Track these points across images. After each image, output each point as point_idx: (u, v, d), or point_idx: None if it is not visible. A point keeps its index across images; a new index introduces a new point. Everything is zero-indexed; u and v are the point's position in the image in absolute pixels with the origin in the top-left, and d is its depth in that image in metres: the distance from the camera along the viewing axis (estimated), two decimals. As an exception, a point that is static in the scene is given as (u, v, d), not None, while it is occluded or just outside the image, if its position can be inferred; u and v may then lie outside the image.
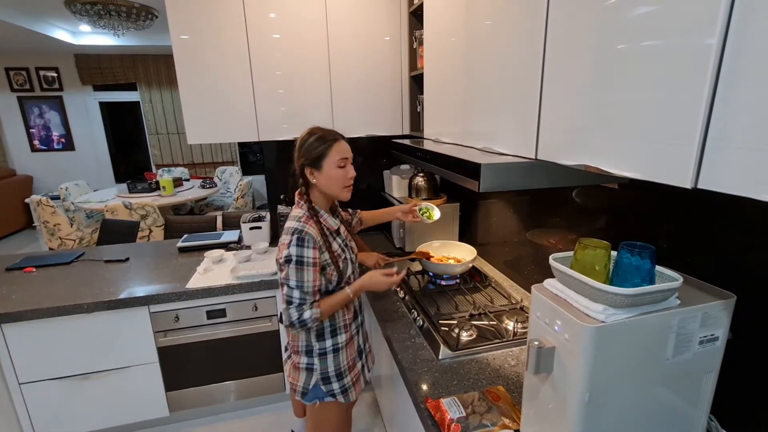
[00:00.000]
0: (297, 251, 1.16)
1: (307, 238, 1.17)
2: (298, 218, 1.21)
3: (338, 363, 1.33)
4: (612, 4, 0.68)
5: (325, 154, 1.21)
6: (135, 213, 3.60)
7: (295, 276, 1.17)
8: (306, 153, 1.23)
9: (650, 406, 0.76)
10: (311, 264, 1.18)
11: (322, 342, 1.31)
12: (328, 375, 1.32)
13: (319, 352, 1.31)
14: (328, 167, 1.22)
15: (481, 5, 1.12)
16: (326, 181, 1.23)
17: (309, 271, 1.18)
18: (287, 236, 1.18)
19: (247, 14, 1.90)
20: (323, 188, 1.25)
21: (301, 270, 1.17)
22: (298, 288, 1.18)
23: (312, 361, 1.31)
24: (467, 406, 0.97)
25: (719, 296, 0.74)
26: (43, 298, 1.74)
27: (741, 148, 0.51)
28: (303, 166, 1.23)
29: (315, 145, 1.22)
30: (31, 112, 5.80)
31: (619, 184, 1.14)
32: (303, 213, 1.23)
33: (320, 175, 1.23)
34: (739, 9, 0.50)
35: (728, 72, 0.52)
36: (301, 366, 1.32)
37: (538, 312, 0.78)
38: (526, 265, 1.69)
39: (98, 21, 3.72)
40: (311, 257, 1.18)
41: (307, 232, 1.17)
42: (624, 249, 0.71)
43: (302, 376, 1.32)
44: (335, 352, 1.32)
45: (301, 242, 1.16)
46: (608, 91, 0.71)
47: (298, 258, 1.16)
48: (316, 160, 1.22)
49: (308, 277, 1.18)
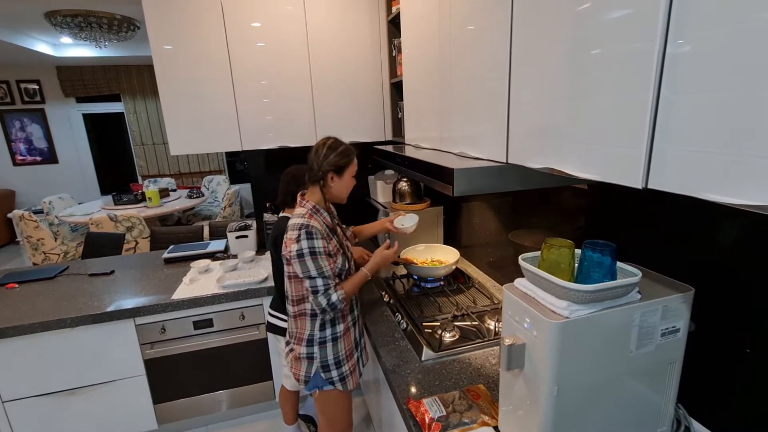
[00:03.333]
0: (308, 243, 1.26)
1: (314, 231, 1.27)
2: (302, 215, 1.32)
3: (337, 351, 1.41)
4: (565, 17, 0.72)
5: (348, 165, 1.38)
6: (120, 225, 3.57)
7: (314, 265, 1.27)
8: (333, 161, 1.34)
9: (618, 397, 0.79)
10: (323, 253, 1.29)
11: (323, 331, 1.39)
12: (328, 363, 1.39)
13: (319, 341, 1.38)
14: (347, 176, 1.39)
15: (454, 15, 1.16)
16: (341, 187, 1.39)
17: (323, 259, 1.28)
18: (294, 231, 1.27)
19: (227, 24, 1.92)
20: (335, 192, 1.39)
21: (316, 259, 1.27)
22: (320, 276, 1.28)
23: (312, 350, 1.39)
24: (448, 405, 1.00)
25: (679, 289, 0.78)
26: (26, 314, 1.73)
27: (683, 151, 0.55)
28: (327, 171, 1.35)
29: (340, 156, 1.35)
30: (12, 126, 5.71)
31: (588, 184, 1.18)
32: (306, 211, 1.34)
33: (339, 181, 1.38)
34: (675, 20, 0.54)
35: (669, 79, 0.56)
36: (302, 356, 1.40)
37: (509, 310, 0.81)
38: (508, 265, 1.72)
39: (79, 33, 3.70)
40: (321, 247, 1.28)
41: (313, 226, 1.28)
42: (587, 247, 0.74)
43: (303, 366, 1.40)
44: (334, 341, 1.40)
45: (309, 235, 1.26)
46: (567, 96, 0.74)
47: (310, 249, 1.26)
48: (341, 168, 1.36)
49: (324, 263, 1.28)
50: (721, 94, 0.49)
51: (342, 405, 1.47)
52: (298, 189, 1.62)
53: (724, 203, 0.51)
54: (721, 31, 0.49)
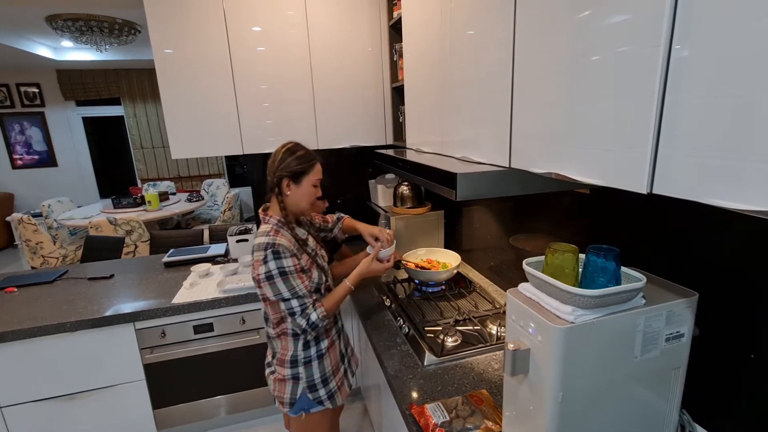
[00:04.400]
0: (276, 264, 1.18)
1: (282, 250, 1.19)
2: (267, 233, 1.23)
3: (323, 369, 1.35)
4: (569, 22, 0.72)
5: (306, 171, 1.27)
6: (120, 229, 3.56)
7: (285, 287, 1.20)
8: (288, 166, 1.25)
9: (623, 403, 0.79)
10: (293, 271, 1.21)
11: (307, 350, 1.33)
12: (314, 382, 1.33)
13: (304, 361, 1.32)
14: (306, 183, 1.28)
15: (456, 20, 1.17)
16: (300, 196, 1.28)
17: (295, 278, 1.21)
18: (260, 252, 1.19)
19: (229, 28, 1.92)
20: (293, 202, 1.28)
21: (287, 279, 1.20)
22: (294, 296, 1.21)
23: (297, 371, 1.32)
24: (451, 410, 0.99)
25: (683, 294, 0.78)
26: (25, 318, 1.72)
27: (687, 156, 0.55)
28: (282, 177, 1.25)
29: (298, 162, 1.26)
30: (11, 129, 5.71)
31: (590, 189, 1.18)
32: (271, 227, 1.25)
33: (297, 189, 1.27)
34: (679, 25, 0.54)
35: (673, 84, 0.56)
36: (287, 377, 1.33)
37: (513, 315, 0.81)
38: (509, 270, 1.72)
39: (80, 37, 3.71)
40: (291, 265, 1.20)
41: (279, 244, 1.19)
42: (591, 252, 0.74)
43: (288, 388, 1.33)
44: (319, 358, 1.34)
45: (277, 255, 1.18)
46: (571, 102, 0.75)
47: (280, 270, 1.18)
48: (298, 175, 1.26)
49: (296, 282, 1.21)
50: (726, 99, 0.50)
51: (327, 426, 1.41)
52: None
53: (728, 208, 0.51)
54: (725, 36, 0.49)
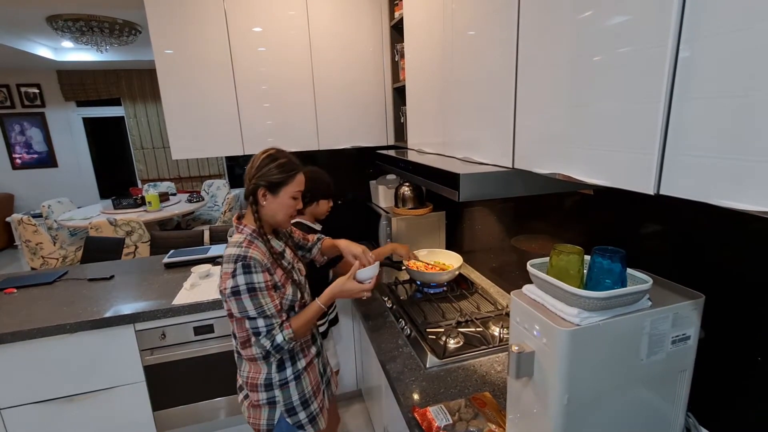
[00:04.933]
0: (245, 279, 1.09)
1: (253, 263, 1.10)
2: (239, 244, 1.13)
3: (302, 390, 1.25)
4: (576, 22, 0.72)
5: (285, 182, 1.18)
6: (120, 229, 3.55)
7: (252, 304, 1.10)
8: (266, 175, 1.17)
9: (629, 405, 0.78)
10: (263, 288, 1.11)
11: (282, 372, 1.22)
12: (293, 405, 1.23)
13: (280, 383, 1.22)
14: (284, 195, 1.19)
15: (458, 20, 1.16)
16: (276, 208, 1.20)
17: (264, 295, 1.11)
18: (230, 264, 1.10)
19: (230, 29, 1.92)
20: (269, 213, 1.20)
21: (256, 296, 1.10)
22: (261, 315, 1.11)
23: (273, 394, 1.22)
24: (454, 413, 0.98)
25: (689, 296, 0.77)
26: (24, 319, 1.71)
27: (695, 156, 0.54)
28: (258, 186, 1.17)
29: (277, 171, 1.17)
30: (11, 129, 5.70)
31: (594, 190, 1.18)
32: (244, 238, 1.16)
33: (273, 200, 1.18)
34: (687, 26, 0.53)
35: (681, 85, 0.55)
36: (261, 402, 1.22)
37: (517, 317, 0.80)
38: (511, 271, 1.71)
39: (81, 37, 3.71)
40: (262, 281, 1.11)
41: (251, 257, 1.10)
42: (596, 253, 0.73)
43: (264, 413, 1.22)
44: (297, 378, 1.24)
45: (247, 269, 1.09)
46: (576, 102, 0.74)
47: (249, 286, 1.09)
48: (276, 185, 1.18)
49: (265, 300, 1.11)
50: (734, 98, 0.49)
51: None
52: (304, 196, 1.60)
53: (736, 209, 0.50)
54: (734, 35, 0.48)
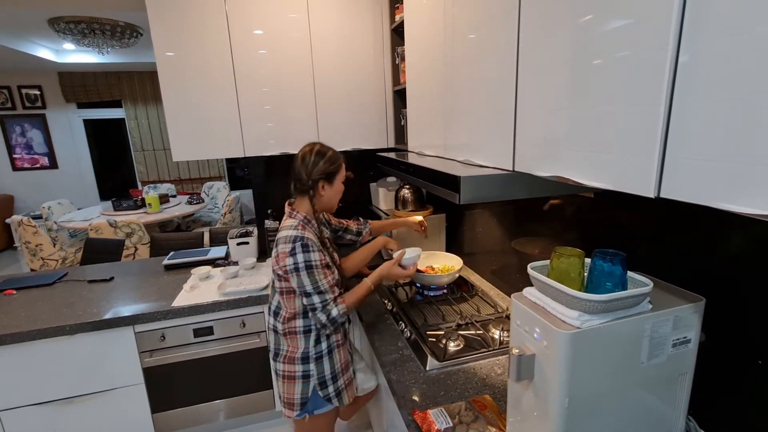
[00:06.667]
0: (304, 257, 1.20)
1: (311, 243, 1.21)
2: (294, 227, 1.25)
3: (333, 364, 1.36)
4: (577, 26, 0.72)
5: (338, 171, 1.34)
6: (120, 231, 3.55)
7: (309, 281, 1.21)
8: (322, 168, 1.30)
9: (629, 409, 0.78)
10: (319, 266, 1.22)
11: (318, 345, 1.33)
12: (325, 378, 1.33)
13: (315, 357, 1.32)
14: (337, 183, 1.35)
15: (459, 24, 1.17)
16: (332, 195, 1.35)
17: (320, 272, 1.23)
18: (287, 245, 1.21)
19: (231, 32, 1.93)
20: (326, 200, 1.34)
21: (312, 273, 1.21)
22: (316, 292, 1.23)
23: (308, 368, 1.32)
24: (454, 416, 0.98)
25: (689, 299, 0.77)
26: (24, 320, 1.70)
27: (696, 160, 0.54)
28: (319, 179, 1.30)
29: (330, 163, 1.31)
30: (12, 131, 5.71)
31: (595, 193, 1.18)
32: (298, 222, 1.27)
33: (330, 189, 1.33)
34: (687, 29, 0.54)
35: (681, 88, 0.56)
36: (297, 375, 1.32)
37: (518, 320, 0.80)
38: (511, 274, 1.71)
39: (82, 40, 3.72)
40: (318, 260, 1.22)
41: (308, 238, 1.22)
42: (597, 256, 0.73)
43: (298, 387, 1.32)
44: (330, 353, 1.35)
45: (305, 248, 1.20)
46: (576, 105, 0.74)
47: (306, 263, 1.20)
48: (331, 175, 1.32)
49: (320, 277, 1.23)
50: (734, 102, 0.49)
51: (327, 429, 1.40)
52: None
53: (736, 212, 0.50)
54: (734, 40, 0.48)
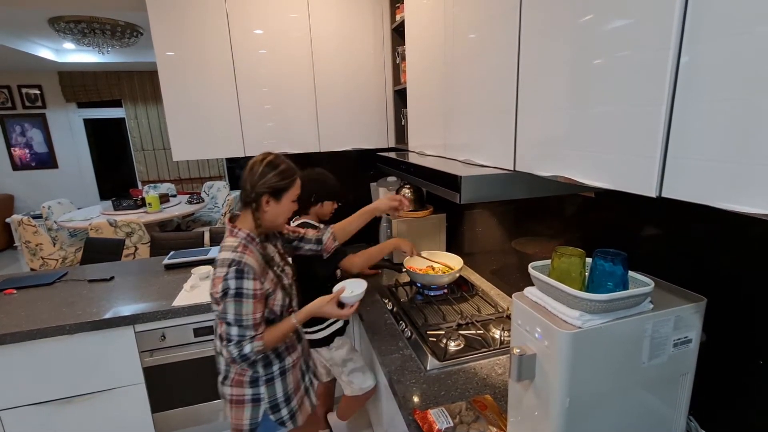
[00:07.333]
0: (236, 283, 1.08)
1: (247, 269, 1.09)
2: (233, 248, 1.12)
3: (286, 386, 1.26)
4: (579, 25, 0.72)
5: (288, 188, 1.19)
6: (120, 231, 3.55)
7: (233, 310, 1.09)
8: (269, 182, 1.16)
9: (630, 409, 0.78)
10: (251, 296, 1.10)
11: (269, 368, 1.23)
12: (277, 402, 1.24)
13: (266, 379, 1.22)
14: (286, 200, 1.20)
15: (459, 24, 1.16)
16: (278, 212, 1.20)
17: (249, 304, 1.10)
18: (223, 268, 1.09)
19: (231, 31, 1.93)
20: (271, 218, 1.20)
21: (240, 303, 1.09)
22: (237, 324, 1.10)
23: (258, 391, 1.22)
24: (455, 416, 0.98)
25: (691, 299, 0.77)
26: (24, 320, 1.70)
27: (697, 159, 0.54)
28: (262, 194, 1.16)
29: (280, 177, 1.17)
30: (12, 131, 5.71)
31: (595, 192, 1.18)
32: (239, 242, 1.15)
33: (276, 206, 1.19)
34: (689, 29, 0.54)
35: (683, 88, 0.55)
36: (246, 399, 1.22)
37: (519, 320, 0.80)
38: (512, 274, 1.71)
39: (82, 39, 3.72)
40: (251, 288, 1.10)
41: (245, 263, 1.09)
42: (598, 256, 0.73)
43: (247, 412, 1.22)
44: (282, 374, 1.25)
45: (240, 274, 1.08)
46: (578, 105, 0.74)
47: (237, 290, 1.08)
48: (279, 191, 1.18)
49: (247, 309, 1.10)
50: (736, 102, 0.49)
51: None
52: (311, 196, 1.61)
53: (738, 212, 0.50)
54: (735, 40, 0.48)
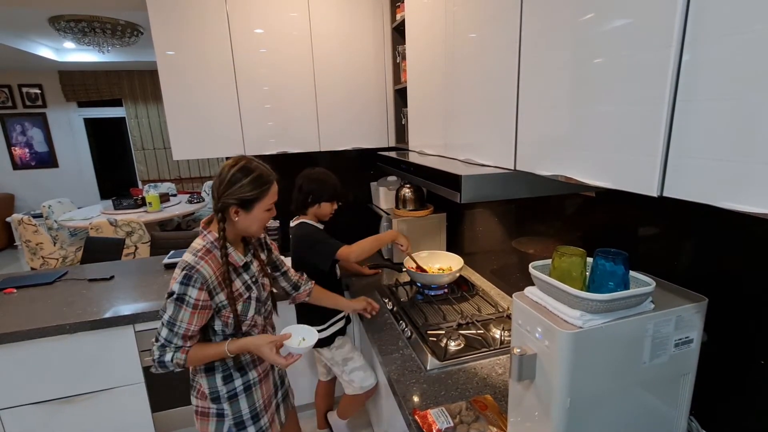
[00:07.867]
0: (180, 288, 1.04)
1: (196, 277, 1.04)
2: (196, 251, 1.09)
3: (253, 402, 1.19)
4: (579, 24, 0.72)
5: (260, 198, 1.11)
6: (120, 230, 3.55)
7: (171, 313, 1.06)
8: (238, 192, 1.08)
9: (631, 409, 0.78)
10: (192, 305, 1.05)
11: (230, 384, 1.16)
12: (242, 419, 1.17)
13: (228, 396, 1.16)
14: (258, 210, 1.12)
15: (460, 23, 1.16)
16: (250, 223, 1.12)
17: (186, 312, 1.05)
18: (178, 270, 1.07)
19: (232, 30, 1.92)
20: (243, 227, 1.13)
21: (179, 308, 1.05)
22: (169, 327, 1.06)
23: (222, 407, 1.16)
24: (455, 416, 0.98)
25: (692, 299, 0.76)
26: (24, 319, 1.70)
27: (698, 159, 0.54)
28: (229, 205, 1.08)
29: (251, 187, 1.09)
30: (12, 130, 5.71)
31: (596, 192, 1.17)
32: (203, 246, 1.10)
33: (246, 216, 1.11)
34: (691, 28, 0.53)
35: (684, 87, 0.55)
36: (211, 413, 1.17)
37: (519, 320, 0.80)
38: (512, 273, 1.71)
39: (83, 38, 3.72)
40: (194, 298, 1.05)
41: (197, 270, 1.05)
42: (599, 255, 0.73)
43: (212, 426, 1.17)
44: (247, 390, 1.19)
45: (187, 280, 1.04)
46: (579, 104, 0.74)
47: (179, 295, 1.05)
48: (249, 202, 1.10)
49: (183, 317, 1.06)
50: (738, 101, 0.49)
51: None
52: (308, 196, 1.61)
53: (739, 211, 0.50)
54: (736, 39, 0.48)
